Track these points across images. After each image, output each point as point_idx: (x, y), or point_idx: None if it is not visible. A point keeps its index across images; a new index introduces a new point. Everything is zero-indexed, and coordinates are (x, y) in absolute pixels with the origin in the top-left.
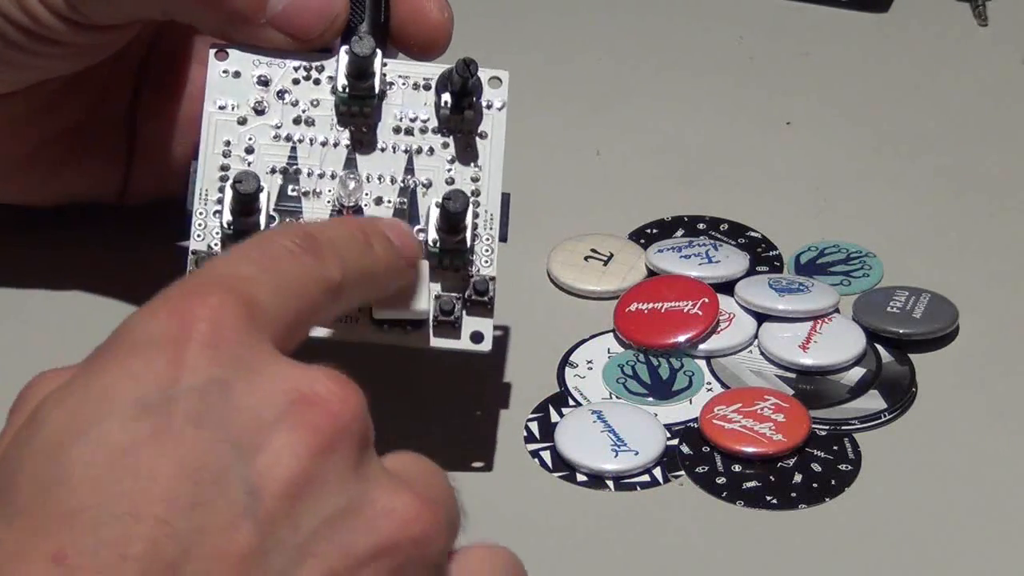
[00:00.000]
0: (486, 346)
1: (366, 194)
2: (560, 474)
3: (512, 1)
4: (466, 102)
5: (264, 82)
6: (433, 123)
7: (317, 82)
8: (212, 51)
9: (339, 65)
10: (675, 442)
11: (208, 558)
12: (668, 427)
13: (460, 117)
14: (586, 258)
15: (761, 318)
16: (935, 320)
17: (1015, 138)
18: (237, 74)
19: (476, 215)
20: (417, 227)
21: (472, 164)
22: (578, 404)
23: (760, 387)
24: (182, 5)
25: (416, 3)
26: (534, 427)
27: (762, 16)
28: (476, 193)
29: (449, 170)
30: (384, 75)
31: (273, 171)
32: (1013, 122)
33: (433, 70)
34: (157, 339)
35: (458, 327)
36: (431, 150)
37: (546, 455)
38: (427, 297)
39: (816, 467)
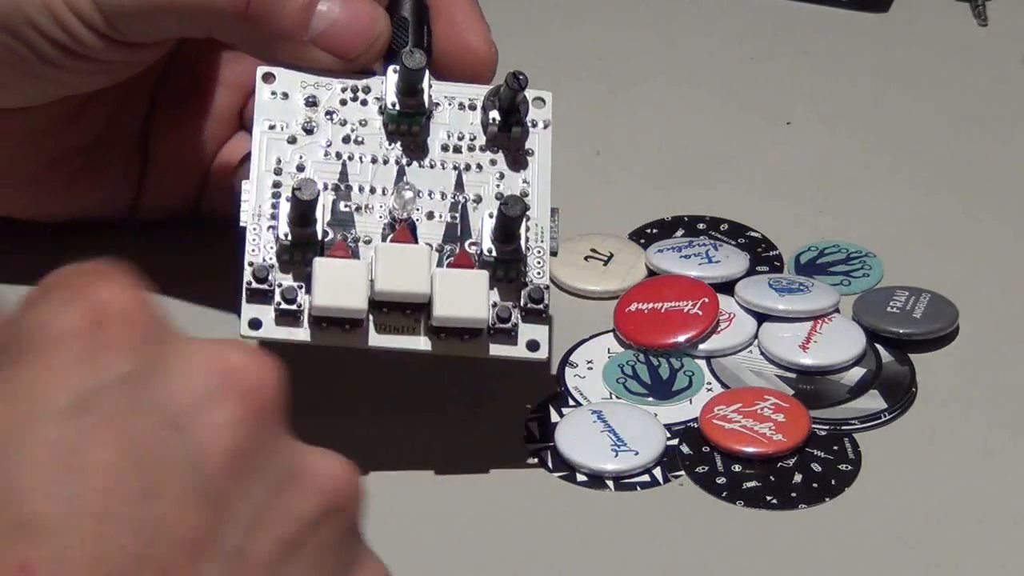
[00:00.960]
0: (543, 354)
1: (418, 209)
2: (560, 474)
3: (512, 1)
4: (514, 119)
5: (312, 103)
6: (481, 140)
7: (364, 103)
8: (259, 75)
9: (387, 83)
10: (675, 442)
11: (169, 544)
12: (668, 427)
13: (507, 134)
14: (586, 258)
15: (761, 318)
16: (935, 320)
17: (1015, 138)
18: (285, 95)
19: (527, 228)
20: (470, 240)
21: (522, 181)
22: (578, 404)
23: (760, 387)
24: (225, 24)
25: (459, 37)
26: (534, 427)
27: (762, 16)
28: (528, 207)
29: (498, 185)
30: (431, 96)
31: (325, 187)
32: (1013, 122)
33: (478, 91)
34: (72, 329)
35: (515, 335)
36: (479, 166)
37: (546, 455)
38: (486, 305)
39: (816, 467)
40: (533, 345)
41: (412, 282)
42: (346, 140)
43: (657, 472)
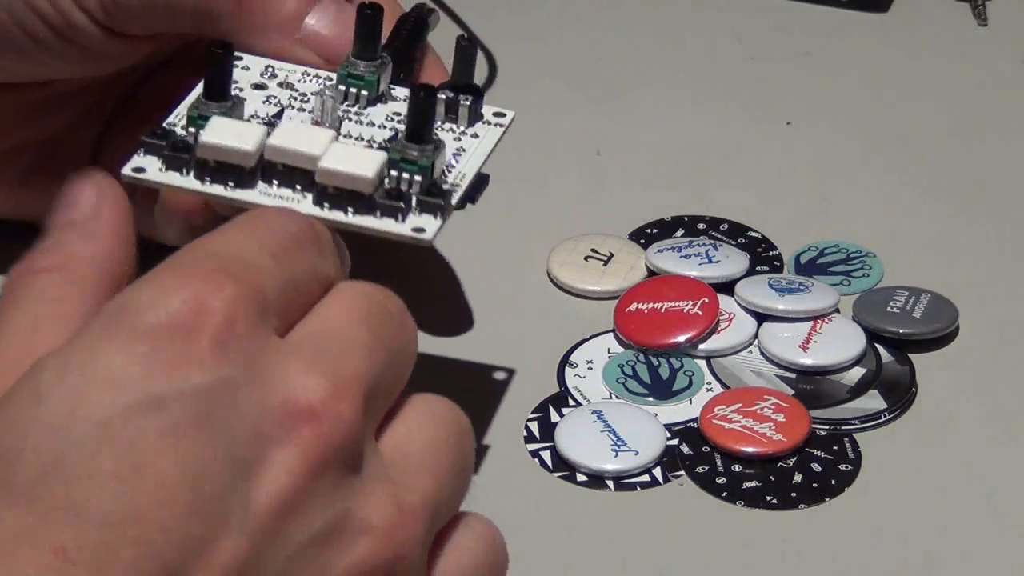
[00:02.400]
0: (427, 236)
1: (344, 134)
2: (560, 474)
3: (512, 1)
4: (462, 100)
5: (270, 75)
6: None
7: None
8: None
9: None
10: (675, 442)
11: (205, 566)
12: (668, 427)
13: (454, 117)
14: (586, 258)
15: (761, 318)
16: (935, 320)
17: (1015, 138)
18: (246, 68)
19: (448, 171)
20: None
21: (456, 149)
22: (578, 404)
23: (760, 387)
24: (218, 18)
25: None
26: (534, 427)
27: (762, 16)
28: (453, 164)
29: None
30: (391, 90)
31: (252, 117)
32: (1013, 122)
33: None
34: (168, 326)
35: (404, 216)
36: None
37: (546, 455)
38: (376, 168)
39: (816, 467)
40: (419, 229)
41: (307, 143)
42: (291, 100)
43: (657, 472)
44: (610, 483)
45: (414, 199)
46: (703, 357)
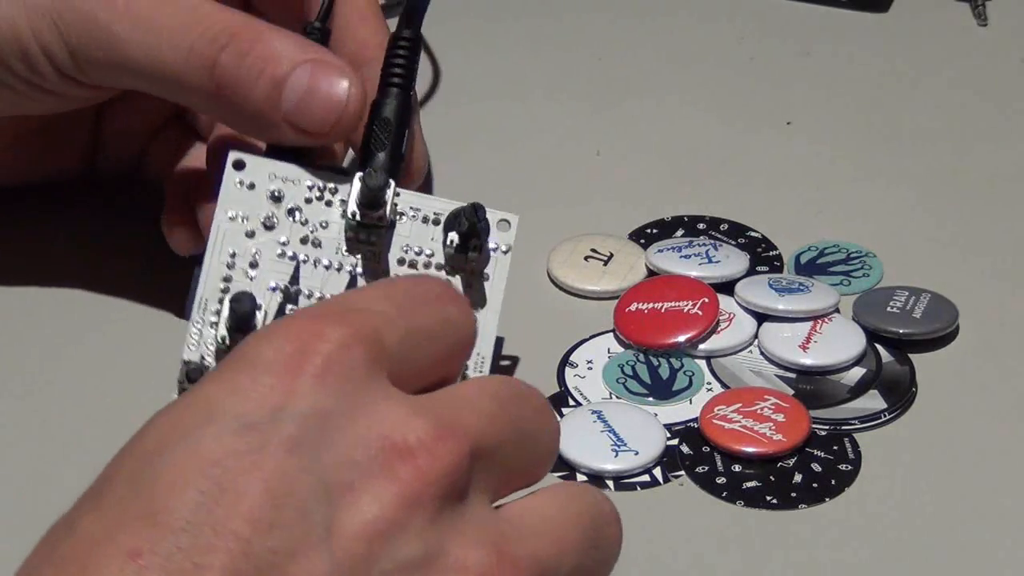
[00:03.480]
0: None
1: None
2: (560, 474)
3: (513, 1)
4: (472, 244)
5: (277, 198)
6: (439, 259)
7: (329, 203)
8: (231, 161)
9: (352, 191)
10: (675, 442)
11: None
12: (668, 427)
13: (464, 257)
14: (586, 258)
15: (761, 318)
16: (935, 320)
17: (1015, 138)
18: (252, 186)
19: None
20: None
21: (475, 306)
22: (578, 404)
23: (760, 387)
24: (195, 98)
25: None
26: None
27: (762, 16)
28: (475, 308)
29: None
30: (396, 204)
31: (275, 289)
32: (1013, 122)
33: (445, 206)
34: (270, 361)
35: None
36: None
37: None
38: None
39: (816, 467)
40: None
41: None
42: (304, 241)
43: (657, 472)
44: (610, 483)
45: None
46: (703, 357)
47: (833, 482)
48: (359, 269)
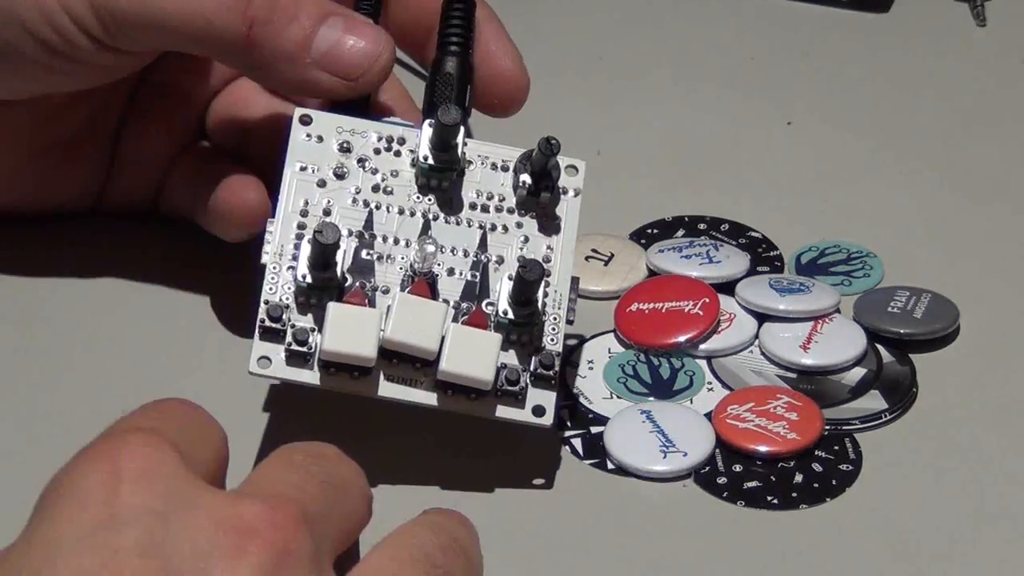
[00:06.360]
0: (547, 420)
1: (439, 264)
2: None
3: (512, 1)
4: (544, 184)
5: (346, 148)
6: (510, 203)
7: (398, 154)
8: (296, 116)
9: (422, 136)
10: None
11: None
12: None
13: (536, 199)
14: (587, 258)
15: (762, 318)
16: (936, 320)
17: (1015, 138)
18: (320, 139)
19: (546, 294)
20: (487, 301)
21: (546, 247)
22: (578, 404)
23: (772, 386)
24: (226, 47)
25: (494, 64)
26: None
27: (762, 16)
28: (547, 273)
29: (522, 248)
30: (464, 153)
31: (349, 233)
32: (1013, 122)
33: (512, 152)
34: (88, 485)
35: (522, 399)
36: (505, 228)
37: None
38: (494, 367)
39: (817, 467)
40: (539, 410)
41: (423, 336)
42: (375, 189)
43: None
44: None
45: (528, 376)
46: (704, 357)
47: (834, 482)
48: (431, 213)
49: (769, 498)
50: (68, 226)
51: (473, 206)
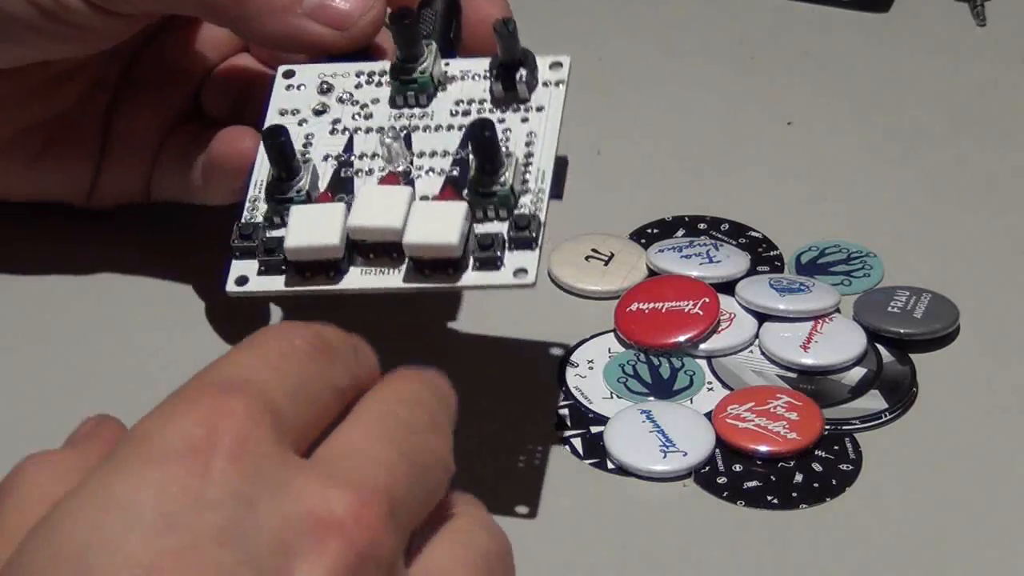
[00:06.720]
0: (529, 279)
1: (419, 168)
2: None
3: (512, 2)
4: (517, 75)
5: (327, 90)
6: (490, 105)
7: (379, 84)
8: (280, 72)
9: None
10: None
11: None
12: None
13: (514, 93)
14: (587, 258)
15: (762, 318)
16: (936, 320)
17: (1015, 138)
18: (301, 86)
19: (528, 172)
20: (456, 173)
21: (527, 132)
22: (579, 404)
23: (772, 386)
24: (220, 6)
25: (482, 11)
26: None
27: (762, 16)
28: (529, 155)
29: (505, 140)
30: (446, 71)
31: (326, 158)
32: (1013, 122)
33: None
34: (180, 449)
35: (500, 263)
36: None
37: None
38: (458, 231)
39: (817, 467)
40: (520, 272)
41: (387, 216)
42: (355, 116)
43: None
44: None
45: (506, 238)
46: (704, 357)
47: (834, 482)
48: (412, 127)
49: (769, 498)
50: (68, 226)
51: (454, 113)
